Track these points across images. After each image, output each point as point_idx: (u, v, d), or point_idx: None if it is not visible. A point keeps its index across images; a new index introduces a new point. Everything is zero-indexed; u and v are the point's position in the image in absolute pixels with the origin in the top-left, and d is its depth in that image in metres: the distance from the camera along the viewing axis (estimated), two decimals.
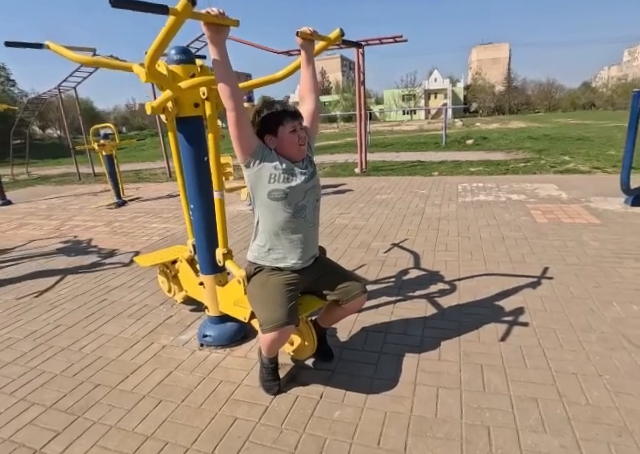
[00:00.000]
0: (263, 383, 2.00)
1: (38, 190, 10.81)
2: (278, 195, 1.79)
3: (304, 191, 1.84)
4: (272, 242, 1.87)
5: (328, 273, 2.01)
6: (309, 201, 1.87)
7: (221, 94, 1.72)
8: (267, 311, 1.77)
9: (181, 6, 1.43)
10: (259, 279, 1.91)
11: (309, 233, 1.91)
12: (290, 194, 1.80)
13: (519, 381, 1.95)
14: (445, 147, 13.68)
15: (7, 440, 1.79)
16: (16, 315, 3.11)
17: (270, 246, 1.88)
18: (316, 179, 1.93)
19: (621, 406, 1.75)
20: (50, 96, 12.95)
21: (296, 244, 1.88)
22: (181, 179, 2.37)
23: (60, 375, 2.27)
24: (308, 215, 1.88)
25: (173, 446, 1.69)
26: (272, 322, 1.72)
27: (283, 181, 1.79)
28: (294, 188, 1.80)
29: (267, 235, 1.87)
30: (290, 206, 1.81)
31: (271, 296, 1.80)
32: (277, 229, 1.84)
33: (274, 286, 1.83)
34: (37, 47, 2.13)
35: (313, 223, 1.93)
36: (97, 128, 7.79)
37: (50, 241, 5.30)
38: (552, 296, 2.79)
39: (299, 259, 1.90)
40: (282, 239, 1.86)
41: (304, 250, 1.90)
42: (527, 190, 6.23)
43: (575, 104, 67.81)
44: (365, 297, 2.00)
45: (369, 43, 8.52)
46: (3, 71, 37.66)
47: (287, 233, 1.85)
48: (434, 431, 1.68)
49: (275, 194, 1.79)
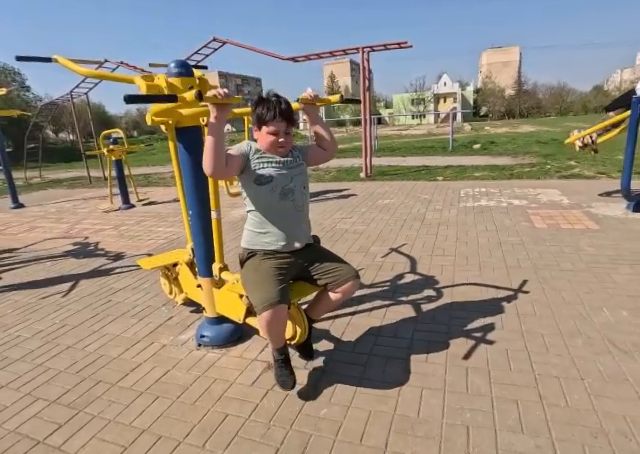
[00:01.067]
0: (277, 379, 1.99)
1: (49, 193, 11.07)
2: (264, 179, 1.90)
3: (290, 176, 1.96)
4: (262, 225, 1.98)
5: (320, 259, 2.07)
6: (296, 186, 1.97)
7: (205, 165, 1.81)
8: (260, 291, 1.83)
9: (189, 98, 1.60)
10: (252, 263, 2.00)
11: (297, 217, 2.01)
12: (276, 178, 1.92)
13: (502, 383, 2.01)
14: (452, 152, 13.71)
15: (12, 432, 1.90)
16: (25, 315, 3.24)
17: (260, 230, 1.99)
18: (303, 167, 2.04)
19: (599, 409, 1.80)
20: (63, 101, 13.27)
21: (285, 226, 1.97)
22: (181, 186, 2.48)
23: (64, 372, 2.38)
24: (296, 199, 1.98)
25: (166, 439, 1.78)
26: (265, 301, 1.78)
27: (268, 167, 1.92)
28: (280, 172, 1.93)
29: (257, 219, 1.99)
30: (277, 189, 1.92)
31: (264, 278, 1.88)
32: (266, 212, 1.96)
33: (266, 269, 1.92)
34: (46, 61, 2.26)
35: (302, 208, 2.02)
36: (107, 133, 7.98)
37: (59, 244, 5.47)
38: (543, 301, 2.84)
39: (289, 241, 1.99)
40: (271, 222, 1.96)
41: (293, 232, 2.00)
42: (529, 195, 6.25)
43: (587, 108, 67.15)
44: (356, 283, 2.03)
45: (374, 49, 8.63)
46: (18, 77, 38.52)
47: (276, 216, 1.96)
48: (415, 430, 1.75)
49: (262, 179, 1.91)
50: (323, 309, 2.20)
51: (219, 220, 2.32)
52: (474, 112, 63.66)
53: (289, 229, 1.99)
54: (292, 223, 2.00)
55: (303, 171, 2.05)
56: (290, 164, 1.99)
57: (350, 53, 9.10)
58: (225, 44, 9.71)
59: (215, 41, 9.64)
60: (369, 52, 8.71)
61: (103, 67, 7.36)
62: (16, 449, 1.79)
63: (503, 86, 70.11)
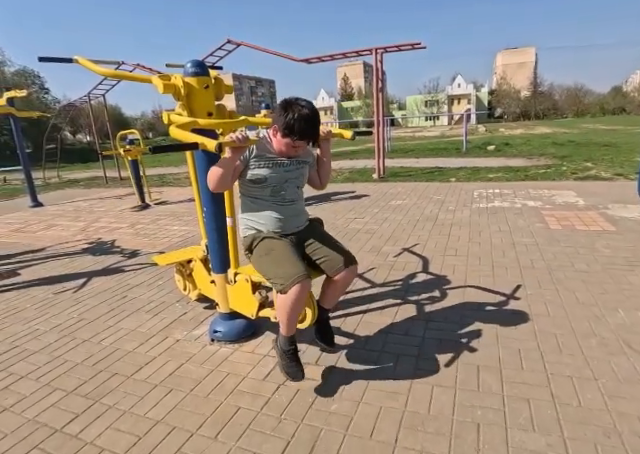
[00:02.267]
0: (287, 371, 1.97)
1: (67, 193, 11.31)
2: (258, 180, 1.96)
3: (285, 178, 2.00)
4: (254, 213, 2.05)
5: (316, 240, 2.08)
6: (289, 186, 2.02)
7: (210, 183, 1.89)
8: (283, 268, 1.83)
9: (210, 146, 1.66)
10: (263, 246, 1.99)
11: (288, 209, 2.05)
12: (270, 179, 1.96)
13: (513, 382, 2.00)
14: (466, 153, 13.59)
15: (32, 420, 1.96)
16: (43, 309, 3.33)
17: (253, 217, 2.06)
18: (301, 171, 2.06)
19: (613, 409, 1.78)
20: (81, 103, 13.56)
21: (275, 219, 2.02)
22: (195, 184, 2.53)
23: (81, 364, 2.44)
24: (287, 195, 2.02)
25: (180, 430, 1.82)
26: (292, 275, 1.77)
27: (264, 168, 1.95)
28: (276, 174, 1.96)
29: (249, 206, 2.06)
30: (269, 187, 1.97)
31: (282, 255, 1.89)
32: (258, 202, 2.02)
33: (281, 247, 1.94)
34: (67, 61, 2.33)
35: (293, 201, 2.06)
36: (123, 134, 8.13)
37: (76, 241, 5.59)
38: (557, 301, 2.81)
39: (282, 229, 2.04)
40: (262, 211, 2.02)
41: (283, 222, 2.04)
42: (544, 197, 6.18)
43: (604, 109, 65.93)
44: (351, 270, 2.01)
45: (387, 50, 8.62)
46: (38, 80, 39.44)
47: (266, 207, 2.01)
48: (425, 426, 1.75)
49: (255, 179, 1.96)
50: (331, 298, 2.17)
51: (234, 228, 2.37)
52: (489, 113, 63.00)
53: (279, 221, 2.03)
54: (282, 213, 2.03)
55: (301, 175, 2.07)
56: (289, 166, 2.01)
57: (363, 54, 9.12)
58: (239, 46, 9.82)
59: (229, 43, 9.75)
60: (382, 53, 8.70)
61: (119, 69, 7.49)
62: (35, 436, 1.85)
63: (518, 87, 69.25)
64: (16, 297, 3.65)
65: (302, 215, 2.15)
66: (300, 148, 1.94)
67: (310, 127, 1.83)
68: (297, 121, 1.78)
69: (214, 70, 2.40)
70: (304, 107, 1.81)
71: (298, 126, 1.79)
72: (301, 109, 1.79)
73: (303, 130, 1.82)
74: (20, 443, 1.82)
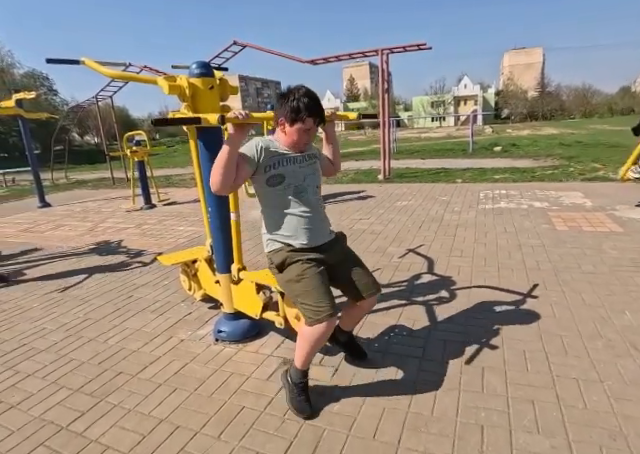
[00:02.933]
0: (294, 405, 1.88)
1: (75, 194, 11.41)
2: (276, 180, 1.83)
3: (303, 175, 1.89)
4: (279, 226, 1.89)
5: (348, 260, 2.01)
6: (309, 185, 1.90)
7: (212, 181, 1.77)
8: (314, 300, 1.76)
9: (212, 120, 1.67)
10: (295, 270, 1.85)
11: (313, 215, 1.90)
12: (288, 177, 1.84)
13: (518, 384, 1.98)
14: (472, 154, 13.54)
15: (38, 418, 1.98)
16: (50, 308, 3.36)
17: (278, 230, 1.90)
18: (316, 166, 1.97)
19: (619, 412, 1.76)
20: (88, 104, 13.68)
21: (302, 226, 1.87)
22: (201, 183, 2.54)
23: (87, 363, 2.46)
24: (310, 199, 1.90)
25: (184, 429, 1.83)
26: (322, 312, 1.73)
27: (279, 166, 1.84)
28: (292, 171, 1.86)
29: (273, 220, 1.91)
30: (290, 188, 1.85)
31: (314, 285, 1.79)
32: (281, 212, 1.87)
33: (313, 276, 1.82)
34: (74, 63, 2.36)
35: (316, 206, 1.93)
36: (130, 135, 8.19)
37: (84, 241, 5.64)
38: (563, 303, 2.79)
39: (309, 240, 1.88)
40: (287, 221, 1.87)
41: (312, 232, 1.89)
42: (551, 198, 6.13)
43: (613, 110, 65.30)
44: (377, 297, 2.04)
45: (393, 51, 8.62)
46: (47, 82, 39.85)
47: (291, 216, 1.87)
48: (428, 427, 1.75)
49: (273, 180, 1.83)
50: (352, 321, 2.20)
51: (238, 222, 2.37)
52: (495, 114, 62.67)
53: (307, 228, 1.88)
54: (309, 222, 1.89)
55: (316, 170, 1.98)
56: (302, 162, 1.92)
57: (369, 55, 9.11)
58: (245, 47, 9.86)
59: (236, 44, 9.79)
60: (388, 54, 8.70)
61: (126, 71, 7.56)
62: (41, 434, 1.87)
63: (525, 88, 68.83)
64: (23, 296, 3.69)
65: (327, 222, 2.03)
66: (312, 131, 1.85)
67: (314, 102, 1.78)
68: (300, 100, 1.76)
69: (219, 71, 2.42)
70: (300, 89, 1.80)
71: (303, 104, 1.75)
72: (299, 90, 1.79)
73: (309, 105, 1.76)
74: (26, 440, 1.84)
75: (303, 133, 1.83)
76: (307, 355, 1.85)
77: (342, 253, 2.03)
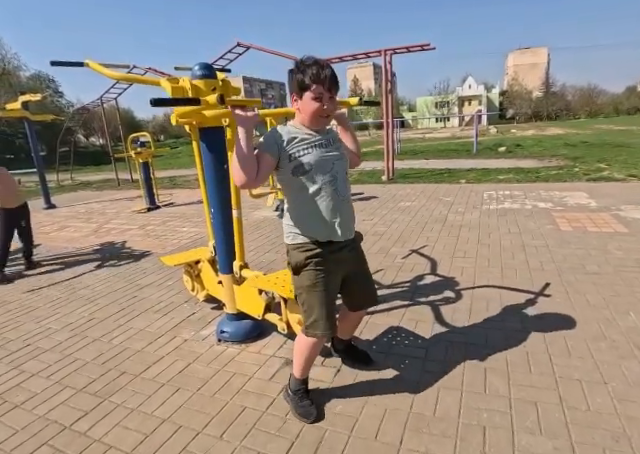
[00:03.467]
0: (299, 412, 1.86)
1: (80, 195, 11.49)
2: (303, 169, 1.66)
3: (331, 161, 1.72)
4: (306, 218, 1.74)
5: (361, 274, 1.96)
6: (338, 172, 1.73)
7: (235, 177, 1.65)
8: (319, 314, 1.75)
9: (212, 101, 1.66)
10: (312, 275, 1.74)
11: (343, 206, 1.75)
12: (315, 164, 1.67)
13: (521, 385, 1.98)
14: (476, 154, 13.50)
15: (42, 417, 2.00)
16: (55, 308, 3.39)
17: (304, 223, 1.75)
18: (342, 152, 1.79)
19: (622, 413, 1.75)
20: (94, 106, 13.77)
21: (332, 218, 1.72)
22: (203, 184, 2.55)
23: (91, 362, 2.48)
24: (339, 187, 1.73)
25: (186, 429, 1.84)
26: (319, 329, 1.74)
27: (305, 153, 1.67)
28: (317, 158, 1.68)
29: (301, 212, 1.74)
30: (318, 177, 1.68)
31: (323, 299, 1.74)
32: (310, 203, 1.71)
33: (326, 287, 1.75)
34: (78, 65, 2.38)
35: (345, 196, 1.77)
36: (135, 136, 8.24)
37: (88, 242, 5.67)
38: (566, 304, 2.78)
39: (337, 233, 1.74)
40: (316, 215, 1.71)
41: (341, 225, 1.74)
42: (555, 198, 6.10)
43: (618, 109, 64.85)
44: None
45: (396, 51, 8.61)
46: (52, 84, 40.15)
47: (320, 207, 1.70)
48: (430, 428, 1.75)
49: (300, 169, 1.66)
50: (347, 328, 2.16)
51: (240, 219, 2.38)
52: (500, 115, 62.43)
53: (336, 221, 1.73)
54: (339, 213, 1.73)
55: (342, 156, 1.78)
56: (328, 146, 1.74)
57: (372, 56, 9.11)
58: (249, 49, 9.89)
59: (239, 46, 9.83)
60: (391, 55, 8.70)
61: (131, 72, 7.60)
62: (45, 433, 1.89)
63: (530, 88, 68.48)
64: (29, 297, 3.72)
65: (354, 215, 1.87)
66: (327, 99, 1.66)
67: (319, 68, 1.63)
68: (309, 69, 1.63)
69: (222, 72, 2.43)
70: (306, 60, 1.67)
71: (312, 72, 1.63)
72: (306, 61, 1.67)
73: (318, 73, 1.62)
74: (30, 439, 1.86)
75: (314, 102, 1.65)
76: (304, 364, 1.87)
77: (358, 263, 1.93)
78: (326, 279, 1.75)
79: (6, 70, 33.02)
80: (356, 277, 1.92)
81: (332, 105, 1.69)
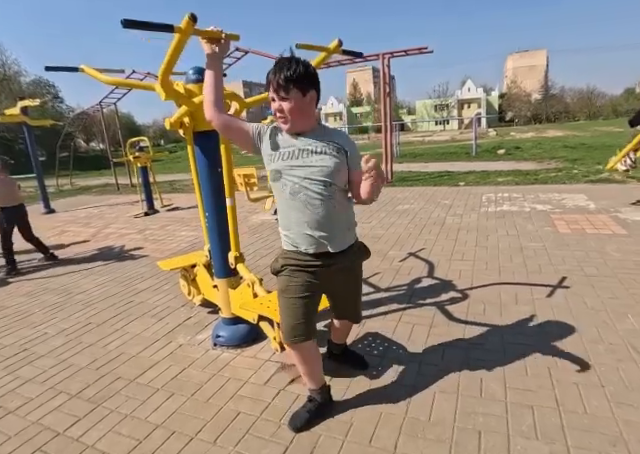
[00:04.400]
0: (296, 413, 1.84)
1: (79, 200, 11.49)
2: (274, 176, 1.62)
3: (303, 171, 1.57)
4: (283, 224, 1.71)
5: (348, 296, 1.90)
6: (311, 183, 1.57)
7: (204, 105, 1.67)
8: (287, 321, 1.70)
9: (184, 24, 1.60)
10: (283, 280, 1.73)
11: (315, 220, 1.61)
12: (284, 172, 1.59)
13: (517, 388, 1.96)
14: (475, 157, 13.51)
15: (35, 423, 1.99)
16: (51, 313, 3.38)
17: (283, 229, 1.73)
18: (328, 161, 1.58)
19: (620, 417, 1.74)
20: (93, 111, 13.80)
21: (303, 231, 1.63)
22: (198, 188, 2.55)
23: (86, 368, 2.47)
24: (311, 200, 1.58)
25: (179, 435, 1.82)
26: (292, 336, 1.68)
27: (278, 160, 1.60)
28: (287, 166, 1.58)
29: (281, 221, 1.72)
30: (287, 186, 1.60)
31: (291, 305, 1.68)
32: (283, 213, 1.68)
33: (294, 289, 1.68)
34: (73, 70, 2.38)
35: (319, 208, 1.59)
36: (133, 141, 8.25)
37: (87, 247, 5.67)
38: (564, 306, 2.76)
39: (310, 248, 1.65)
40: (289, 221, 1.66)
41: (314, 240, 1.63)
42: (554, 200, 6.09)
43: (617, 111, 64.93)
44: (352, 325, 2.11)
45: (394, 55, 8.64)
46: (52, 89, 40.30)
47: (292, 218, 1.64)
48: (426, 432, 1.73)
49: (274, 175, 1.62)
50: (336, 334, 2.17)
51: (234, 207, 2.36)
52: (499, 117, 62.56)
53: (307, 234, 1.63)
54: (308, 226, 1.61)
55: (327, 166, 1.56)
56: (309, 155, 1.58)
57: (370, 60, 9.14)
58: (247, 53, 9.92)
59: (238, 51, 9.86)
60: (389, 58, 8.72)
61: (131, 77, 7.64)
62: (38, 439, 1.87)
63: (529, 90, 68.66)
64: (26, 301, 3.71)
65: (339, 231, 1.67)
66: (278, 105, 1.53)
67: (280, 71, 1.48)
68: (272, 69, 1.52)
69: None
70: (279, 59, 1.55)
71: (270, 73, 1.51)
72: (277, 60, 1.55)
73: (273, 74, 1.50)
74: (23, 445, 1.84)
75: (277, 112, 1.56)
76: (304, 374, 1.84)
77: (347, 285, 1.83)
78: (299, 288, 1.69)
79: (6, 76, 33.16)
80: (340, 295, 1.91)
81: (286, 105, 1.52)
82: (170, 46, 1.70)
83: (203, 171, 2.36)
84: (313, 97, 1.58)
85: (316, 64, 2.22)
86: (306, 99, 1.55)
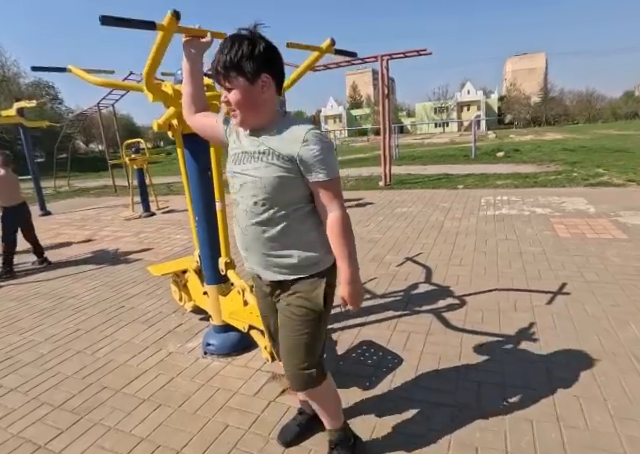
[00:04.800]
0: (284, 428, 1.77)
1: (76, 202, 11.42)
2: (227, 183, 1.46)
3: (241, 179, 1.32)
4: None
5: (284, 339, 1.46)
6: (244, 196, 1.32)
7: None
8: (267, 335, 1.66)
9: (167, 21, 1.53)
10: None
11: (245, 239, 1.38)
12: (230, 182, 1.39)
13: (516, 402, 1.89)
14: (474, 160, 13.46)
15: (16, 436, 1.91)
16: (40, 319, 3.30)
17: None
18: (268, 170, 1.25)
19: (622, 432, 1.67)
20: (92, 112, 13.75)
21: (242, 247, 1.43)
22: (188, 192, 2.48)
23: (71, 377, 2.39)
24: (242, 214, 1.34)
25: (164, 449, 1.75)
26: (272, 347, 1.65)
27: (228, 163, 1.39)
28: (231, 173, 1.36)
29: None
30: (233, 196, 1.40)
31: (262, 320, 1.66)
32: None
33: (260, 312, 1.63)
34: (60, 71, 2.32)
35: (245, 230, 1.35)
36: (130, 143, 8.19)
37: (80, 250, 5.59)
38: (564, 314, 2.69)
39: (250, 267, 1.45)
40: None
41: (247, 258, 1.43)
42: (553, 204, 6.03)
43: (616, 114, 65.11)
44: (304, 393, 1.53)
45: (393, 57, 8.59)
46: (52, 90, 40.27)
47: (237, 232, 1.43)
48: (421, 446, 1.66)
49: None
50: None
51: (223, 211, 2.29)
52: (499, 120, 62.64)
53: (242, 249, 1.43)
54: (240, 244, 1.43)
55: (265, 177, 1.25)
56: (250, 160, 1.29)
57: (369, 61, 9.09)
58: None
59: None
60: (388, 60, 8.68)
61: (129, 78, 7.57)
62: (18, 453, 1.79)
63: (528, 93, 68.81)
64: (16, 306, 3.64)
65: (277, 259, 1.35)
66: (225, 99, 1.26)
67: (222, 51, 1.21)
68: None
69: (207, 78, 2.37)
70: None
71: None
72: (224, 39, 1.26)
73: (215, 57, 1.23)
74: None
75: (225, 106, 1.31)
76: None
77: (284, 325, 1.44)
78: (260, 307, 1.60)
79: (6, 77, 33.13)
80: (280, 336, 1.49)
81: (234, 97, 1.24)
82: (154, 45, 1.64)
83: (192, 174, 2.29)
84: (267, 83, 1.24)
85: (309, 64, 2.16)
86: (256, 87, 1.22)
